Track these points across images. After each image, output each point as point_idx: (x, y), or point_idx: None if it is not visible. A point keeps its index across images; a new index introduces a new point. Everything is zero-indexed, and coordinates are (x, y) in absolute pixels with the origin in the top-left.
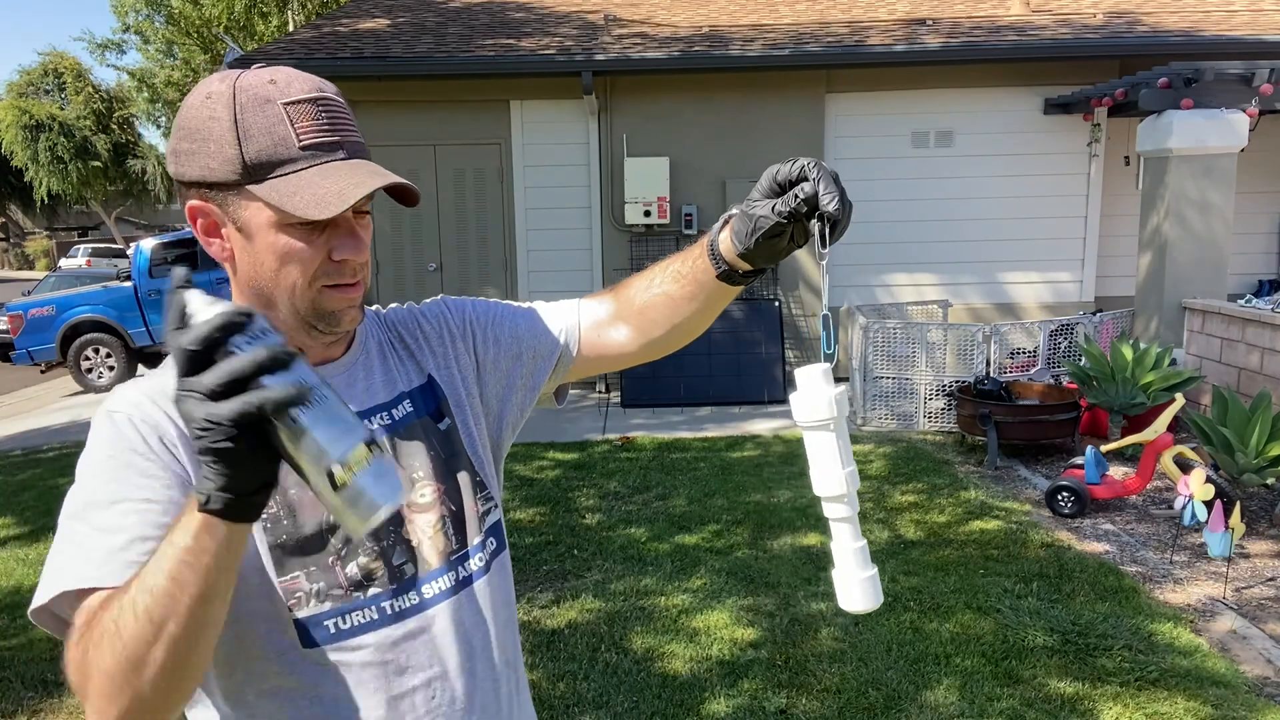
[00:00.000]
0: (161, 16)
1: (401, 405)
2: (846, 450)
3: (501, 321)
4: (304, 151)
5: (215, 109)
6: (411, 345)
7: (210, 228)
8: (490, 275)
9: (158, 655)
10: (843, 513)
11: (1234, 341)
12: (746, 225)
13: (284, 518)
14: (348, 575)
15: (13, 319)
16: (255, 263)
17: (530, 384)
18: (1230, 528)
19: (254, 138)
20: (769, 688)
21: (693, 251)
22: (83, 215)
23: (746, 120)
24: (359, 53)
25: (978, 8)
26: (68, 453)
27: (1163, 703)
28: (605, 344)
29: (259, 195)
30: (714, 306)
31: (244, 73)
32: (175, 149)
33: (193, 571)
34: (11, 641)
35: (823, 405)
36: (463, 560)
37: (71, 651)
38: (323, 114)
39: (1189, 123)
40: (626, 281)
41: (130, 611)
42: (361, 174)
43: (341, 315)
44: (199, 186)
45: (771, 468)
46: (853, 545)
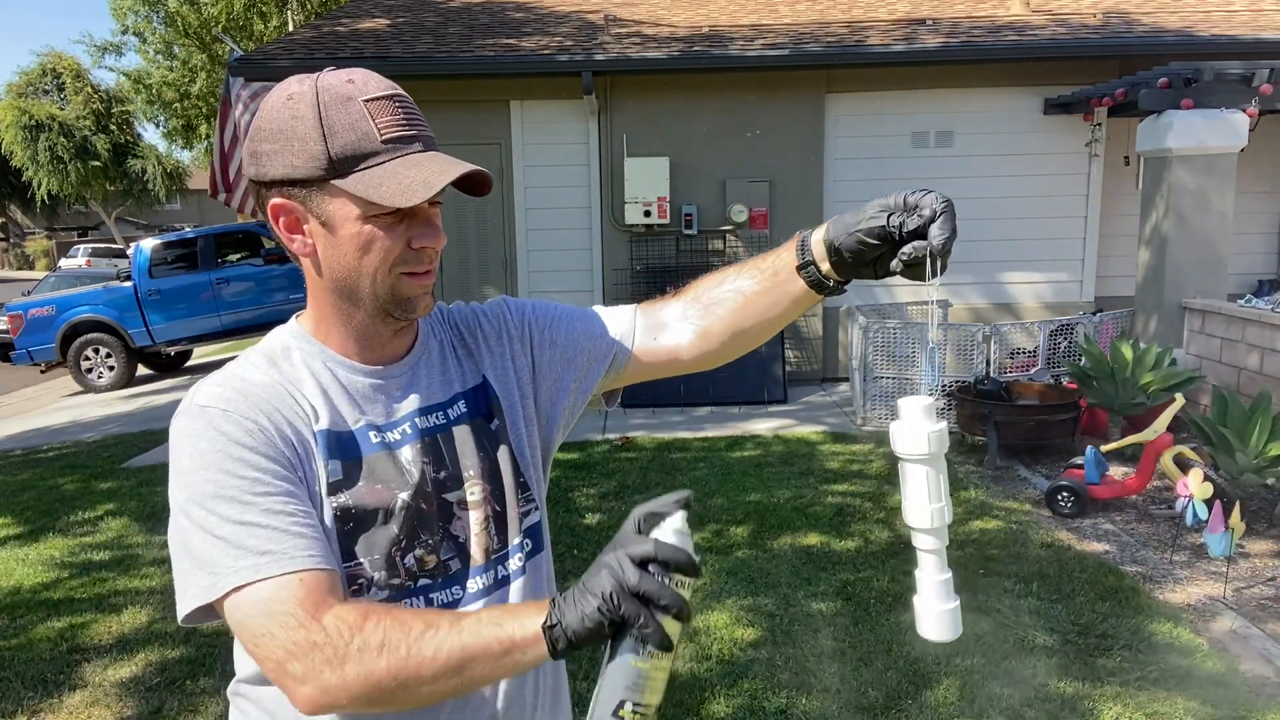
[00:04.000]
0: (160, 17)
1: (457, 405)
2: (943, 486)
3: (559, 324)
4: (385, 145)
5: (298, 109)
6: (470, 345)
7: (292, 224)
8: (490, 275)
9: (424, 691)
10: (931, 544)
11: (1234, 341)
12: (852, 220)
13: (353, 505)
14: (405, 566)
15: (13, 319)
16: (339, 254)
17: (582, 387)
18: (1230, 528)
19: (339, 134)
20: (769, 688)
21: (777, 249)
22: (83, 215)
23: (746, 120)
24: (359, 53)
25: (978, 8)
26: (67, 453)
27: (1163, 703)
28: (661, 348)
29: (345, 188)
30: (786, 311)
31: (322, 74)
32: (255, 151)
33: (500, 654)
34: (11, 641)
35: (923, 440)
36: (502, 560)
37: (311, 629)
38: (399, 109)
39: (1189, 123)
40: (692, 283)
41: (432, 646)
42: (441, 164)
43: (417, 301)
44: (281, 185)
45: (771, 468)
46: (938, 577)
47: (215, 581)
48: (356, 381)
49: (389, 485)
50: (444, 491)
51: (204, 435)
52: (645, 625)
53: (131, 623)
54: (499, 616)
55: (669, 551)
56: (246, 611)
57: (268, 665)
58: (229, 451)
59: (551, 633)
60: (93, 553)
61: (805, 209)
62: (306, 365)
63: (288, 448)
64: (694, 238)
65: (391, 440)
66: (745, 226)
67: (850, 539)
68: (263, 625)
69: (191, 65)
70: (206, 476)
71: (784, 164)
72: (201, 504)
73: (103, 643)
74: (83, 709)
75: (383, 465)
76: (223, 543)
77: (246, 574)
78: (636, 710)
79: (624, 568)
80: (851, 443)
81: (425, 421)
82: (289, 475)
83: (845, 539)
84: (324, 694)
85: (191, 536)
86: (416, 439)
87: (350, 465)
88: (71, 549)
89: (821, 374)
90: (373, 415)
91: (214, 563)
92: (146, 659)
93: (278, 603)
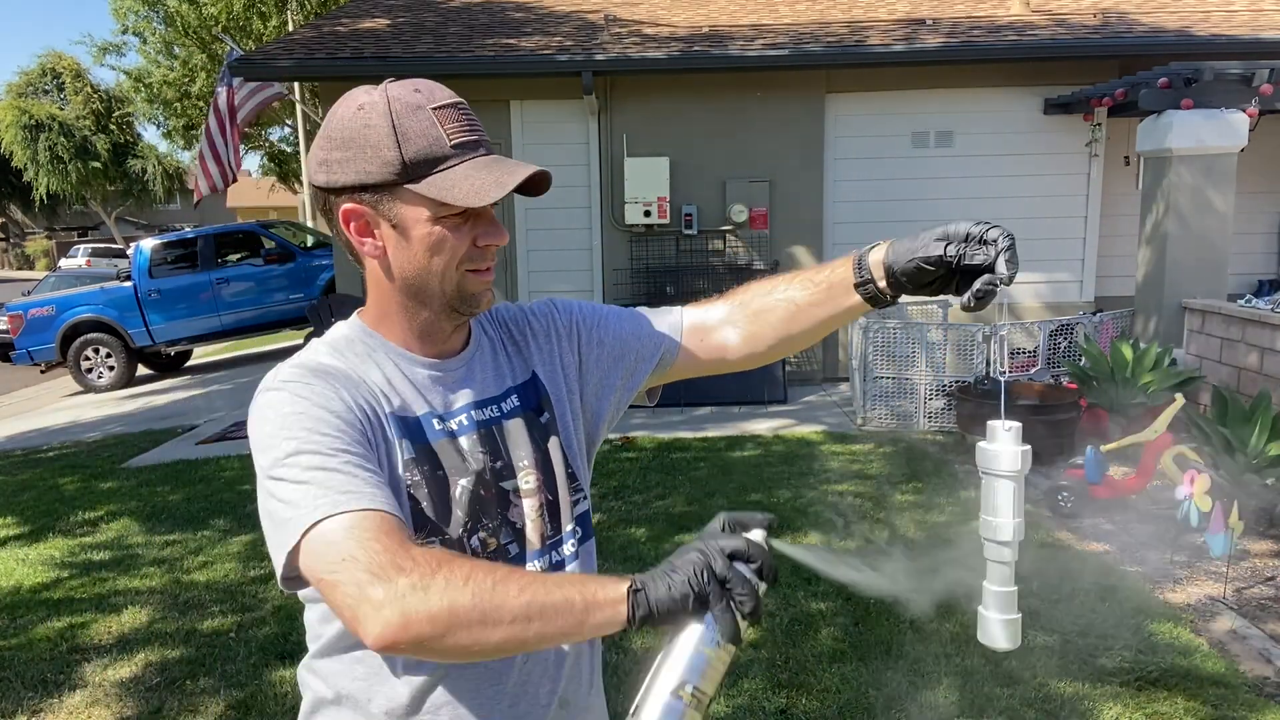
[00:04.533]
0: (159, 17)
1: (510, 399)
2: (1020, 503)
3: (606, 324)
4: (454, 150)
5: (370, 118)
6: (520, 342)
7: (363, 228)
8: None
9: (497, 635)
10: (1004, 557)
11: (1234, 341)
12: (911, 246)
13: (425, 484)
14: (471, 547)
15: (13, 319)
16: (410, 255)
17: (629, 384)
18: (1230, 527)
19: (411, 140)
20: (769, 688)
21: (831, 264)
22: (83, 215)
23: (746, 120)
24: (359, 53)
25: (978, 8)
26: (68, 453)
27: (1163, 703)
28: (708, 347)
29: (419, 191)
30: (834, 322)
31: (389, 85)
32: (325, 159)
33: (580, 610)
34: (11, 641)
35: (1019, 457)
36: (557, 545)
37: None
38: (463, 117)
39: (1189, 123)
40: (741, 288)
41: (516, 587)
42: (508, 166)
43: (480, 297)
44: (353, 191)
45: (772, 468)
46: (1005, 589)
47: (300, 521)
48: (417, 373)
49: (453, 471)
50: (500, 480)
51: (287, 403)
52: (725, 610)
53: (131, 623)
54: (583, 578)
55: (758, 553)
56: (328, 540)
57: (345, 592)
58: (311, 414)
59: (635, 596)
60: (93, 553)
61: (805, 209)
62: (370, 356)
63: (364, 420)
64: (694, 238)
65: (452, 429)
66: (745, 226)
67: (850, 539)
68: (346, 549)
69: (191, 65)
70: (289, 434)
71: (784, 164)
72: (284, 462)
73: (103, 643)
74: (83, 709)
75: (446, 452)
76: (306, 486)
77: (327, 508)
78: (696, 694)
79: (714, 554)
80: (851, 443)
81: (481, 414)
82: (364, 442)
83: (845, 539)
84: (403, 619)
85: (279, 491)
86: (473, 430)
87: (420, 448)
88: (71, 549)
89: (821, 374)
90: (434, 404)
91: (298, 504)
92: (146, 659)
93: (362, 530)
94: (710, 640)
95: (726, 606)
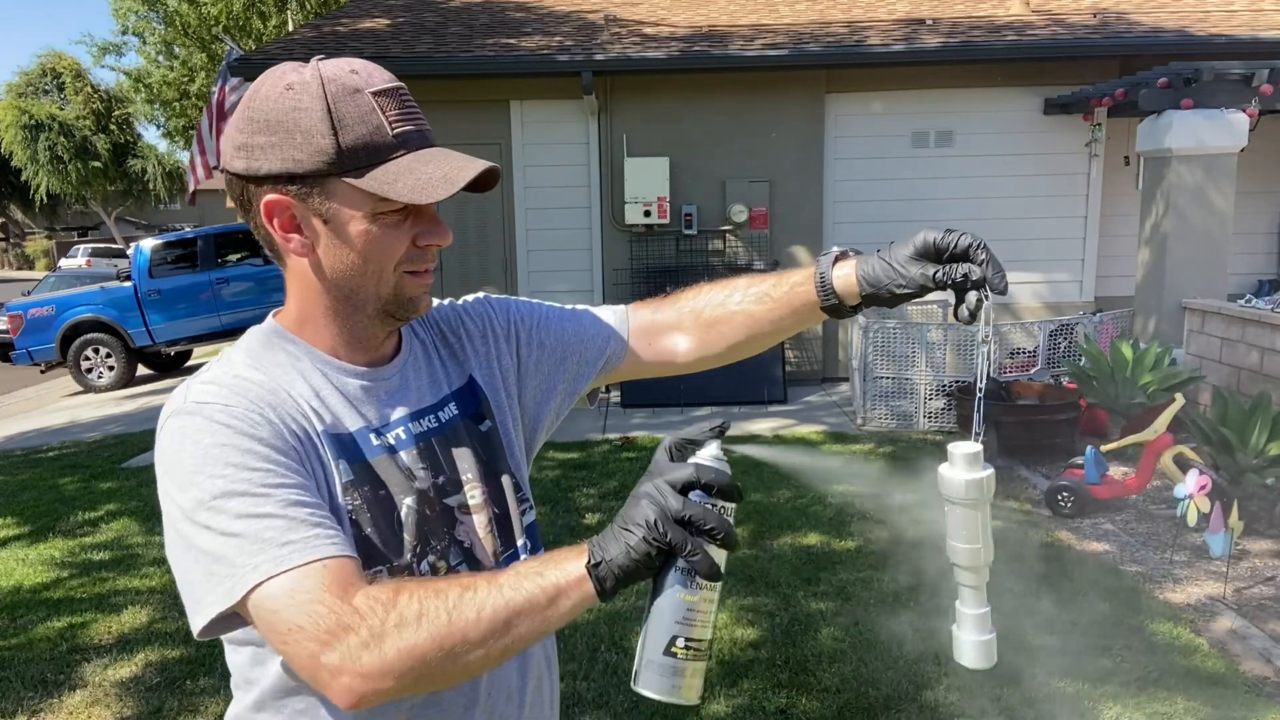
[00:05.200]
0: (159, 17)
1: (448, 407)
2: (986, 528)
3: (547, 324)
4: (396, 140)
5: (300, 99)
6: (454, 344)
7: (289, 223)
8: (490, 275)
9: (472, 659)
10: (971, 581)
11: (1234, 341)
12: (890, 276)
13: (369, 509)
14: (420, 573)
15: (13, 319)
16: (342, 254)
17: (571, 389)
18: (1230, 527)
19: (349, 127)
20: (769, 688)
21: (787, 277)
22: (83, 215)
23: (746, 120)
24: (359, 53)
25: (977, 8)
26: (67, 453)
27: (1163, 703)
28: (656, 351)
29: (357, 184)
30: (791, 332)
31: (321, 63)
32: (246, 143)
33: (545, 604)
34: (11, 641)
35: (972, 486)
36: (511, 561)
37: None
38: (405, 103)
39: (1189, 123)
40: (687, 292)
41: (473, 608)
42: (456, 160)
43: (418, 301)
44: (277, 181)
45: (772, 468)
46: (976, 611)
47: (235, 583)
48: (347, 384)
49: (394, 491)
50: (445, 496)
51: (206, 431)
52: (694, 552)
53: (131, 623)
54: (537, 567)
55: (712, 474)
56: (271, 607)
57: (300, 662)
58: (236, 444)
59: (597, 571)
60: (93, 553)
61: (805, 209)
62: (294, 366)
63: (295, 442)
64: (694, 238)
65: (391, 443)
66: (745, 226)
67: (850, 539)
68: (290, 619)
69: (191, 65)
70: (213, 473)
71: (784, 164)
72: (209, 504)
73: (103, 643)
74: (83, 709)
75: (387, 469)
76: (238, 539)
77: (267, 568)
78: (690, 646)
79: (665, 494)
80: (851, 443)
81: (419, 426)
82: (299, 469)
83: (845, 539)
84: (365, 680)
85: (200, 540)
86: (412, 444)
87: (358, 468)
88: (71, 549)
89: (821, 374)
90: (369, 418)
91: (232, 562)
92: (146, 659)
93: (302, 592)
94: (689, 585)
95: (695, 547)
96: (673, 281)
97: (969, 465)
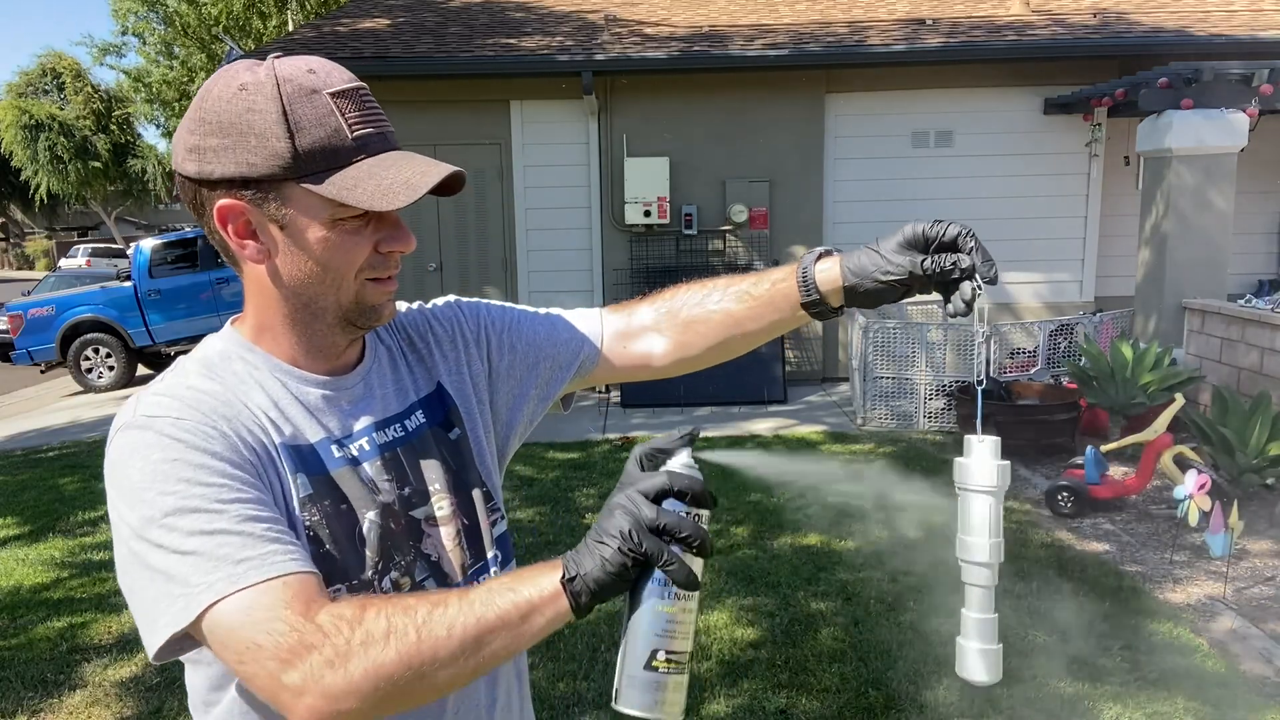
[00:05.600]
0: (159, 18)
1: (414, 415)
2: (999, 523)
3: (519, 328)
4: (355, 143)
5: (254, 100)
6: (421, 349)
7: (243, 229)
8: (490, 275)
9: (441, 677)
10: (982, 581)
11: (1234, 341)
12: (876, 264)
13: (326, 524)
14: (382, 589)
15: (13, 319)
16: (300, 261)
17: (544, 394)
18: (1230, 527)
19: (306, 129)
20: (769, 688)
21: (769, 274)
22: (83, 215)
23: (746, 120)
24: (359, 53)
25: (978, 8)
26: (68, 453)
27: (1163, 703)
28: (631, 355)
29: (315, 190)
30: (771, 334)
31: (277, 61)
32: (198, 146)
33: (518, 621)
34: (11, 641)
35: (991, 473)
36: (480, 574)
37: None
38: (366, 104)
39: (1189, 123)
40: (665, 292)
41: (443, 625)
42: (418, 164)
43: (382, 309)
44: (231, 185)
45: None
46: (984, 616)
47: (189, 602)
48: (308, 393)
49: (358, 504)
50: (411, 509)
51: (156, 446)
52: (670, 562)
53: (131, 623)
54: (510, 582)
55: (685, 481)
56: (228, 625)
57: (259, 683)
58: (188, 459)
59: (572, 586)
60: (93, 553)
61: (805, 209)
62: (252, 376)
63: (251, 455)
64: (694, 238)
65: (353, 455)
66: (745, 226)
67: (850, 539)
68: (247, 638)
69: (191, 65)
70: (164, 489)
71: (784, 164)
72: (160, 522)
73: (103, 643)
74: (83, 709)
75: (349, 482)
76: (192, 557)
77: (222, 586)
78: (671, 658)
79: (639, 504)
80: (851, 443)
81: (384, 435)
82: (256, 482)
83: (845, 539)
84: (329, 701)
85: (152, 559)
86: (376, 455)
87: (317, 481)
88: (71, 549)
89: (821, 374)
90: (331, 429)
91: (185, 580)
92: (146, 659)
93: (260, 609)
94: (667, 597)
95: (671, 557)
96: (673, 282)
97: (995, 453)
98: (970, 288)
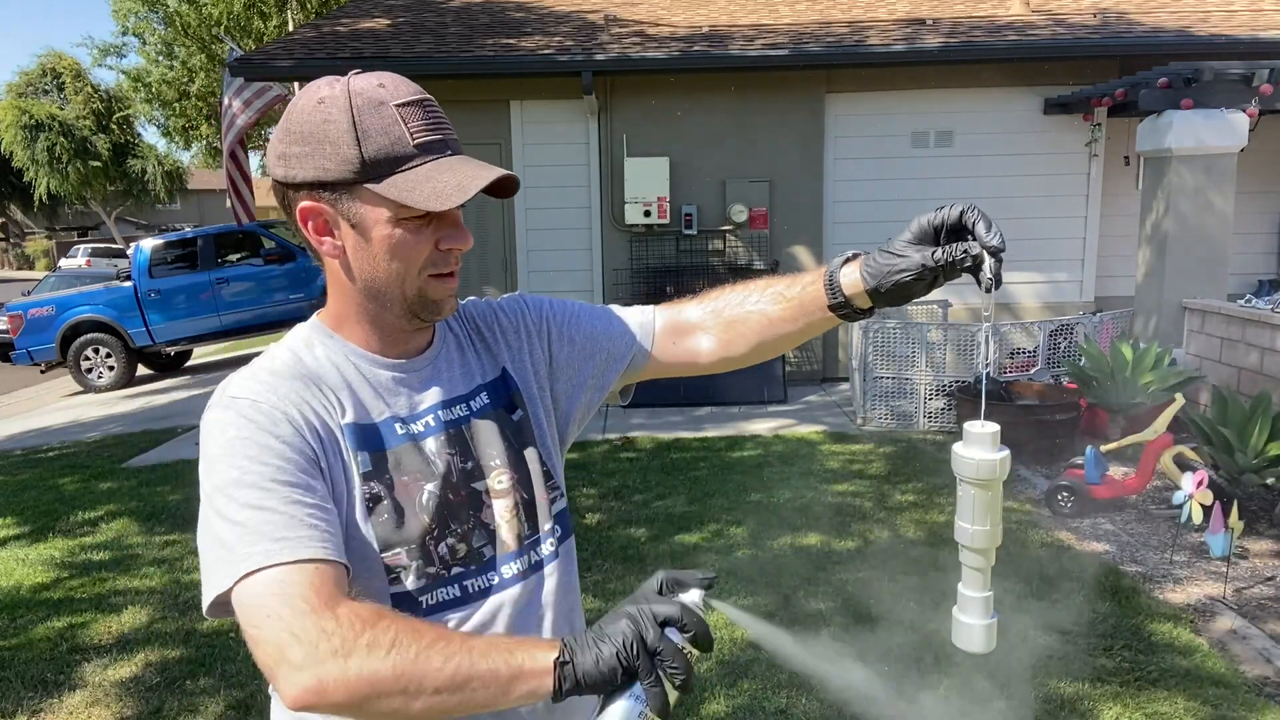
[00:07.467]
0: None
1: (480, 396)
2: (997, 511)
3: (577, 321)
4: (417, 149)
5: (330, 113)
6: (489, 338)
7: (321, 227)
8: (490, 275)
9: (417, 705)
10: (978, 563)
11: (1234, 341)
12: (890, 262)
13: (384, 496)
14: (439, 555)
15: (13, 319)
16: (369, 257)
17: (599, 383)
18: (1230, 527)
19: (372, 138)
20: (769, 688)
21: (802, 278)
22: (83, 215)
23: (746, 120)
24: (359, 53)
25: (978, 8)
26: (67, 453)
27: (1163, 703)
28: (680, 351)
29: (378, 192)
30: (809, 334)
31: (352, 78)
32: (285, 153)
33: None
34: (11, 641)
35: (991, 465)
36: (535, 545)
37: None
38: (429, 114)
39: (1189, 123)
40: (711, 293)
41: (441, 656)
42: (472, 167)
43: (443, 303)
44: (311, 188)
45: (771, 468)
46: (980, 594)
47: (231, 568)
48: (379, 375)
49: (416, 477)
50: (471, 481)
51: (233, 424)
52: (654, 684)
53: (131, 623)
54: (511, 644)
55: (694, 621)
56: (255, 593)
57: (265, 650)
58: (255, 439)
59: (562, 669)
60: (93, 553)
61: (805, 209)
62: (330, 359)
63: (314, 439)
64: (694, 238)
65: (416, 432)
66: (745, 226)
67: (850, 539)
68: (271, 606)
69: (191, 65)
70: (232, 463)
71: (784, 164)
72: (224, 490)
73: (103, 643)
74: (83, 709)
75: (409, 457)
76: (240, 528)
77: (259, 559)
78: None
79: (647, 621)
80: (851, 443)
81: (449, 414)
82: (310, 469)
83: (845, 539)
84: (318, 685)
85: (215, 524)
86: (441, 431)
87: (377, 457)
88: (71, 549)
89: (821, 374)
90: (396, 408)
91: (232, 548)
92: (146, 659)
93: (291, 585)
94: (637, 713)
95: (656, 680)
96: (673, 281)
97: (985, 445)
98: (990, 264)
